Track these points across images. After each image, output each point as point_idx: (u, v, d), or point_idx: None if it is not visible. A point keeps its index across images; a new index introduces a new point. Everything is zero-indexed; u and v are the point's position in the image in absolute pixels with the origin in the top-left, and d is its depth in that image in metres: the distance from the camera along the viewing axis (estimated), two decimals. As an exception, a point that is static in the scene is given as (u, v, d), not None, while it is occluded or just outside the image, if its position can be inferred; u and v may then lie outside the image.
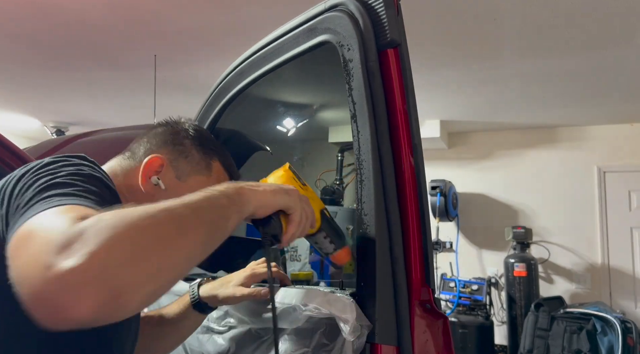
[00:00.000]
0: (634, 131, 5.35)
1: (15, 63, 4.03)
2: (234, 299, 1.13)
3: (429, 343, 1.06)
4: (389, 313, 1.01)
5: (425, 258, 1.03)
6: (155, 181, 1.04)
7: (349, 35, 1.01)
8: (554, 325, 4.41)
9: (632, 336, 4.10)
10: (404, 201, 1.02)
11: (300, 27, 1.16)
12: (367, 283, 1.01)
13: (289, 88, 1.74)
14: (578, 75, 4.00)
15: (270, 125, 2.07)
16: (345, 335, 0.93)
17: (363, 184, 1.02)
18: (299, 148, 2.46)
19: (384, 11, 0.97)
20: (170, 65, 3.93)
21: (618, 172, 5.35)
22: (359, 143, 1.02)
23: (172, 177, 1.06)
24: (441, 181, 5.38)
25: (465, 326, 4.88)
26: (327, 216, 1.02)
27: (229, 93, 1.44)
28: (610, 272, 5.27)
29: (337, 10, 1.05)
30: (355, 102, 1.01)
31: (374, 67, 0.98)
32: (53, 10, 3.08)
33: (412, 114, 0.99)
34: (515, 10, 2.92)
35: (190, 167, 1.08)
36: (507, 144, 5.75)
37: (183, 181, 1.07)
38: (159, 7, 3.02)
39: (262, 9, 2.97)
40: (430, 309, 1.05)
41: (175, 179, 1.06)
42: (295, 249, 3.15)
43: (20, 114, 5.59)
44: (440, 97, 4.63)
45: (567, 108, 4.95)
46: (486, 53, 3.61)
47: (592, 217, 5.38)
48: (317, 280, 3.08)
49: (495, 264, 5.55)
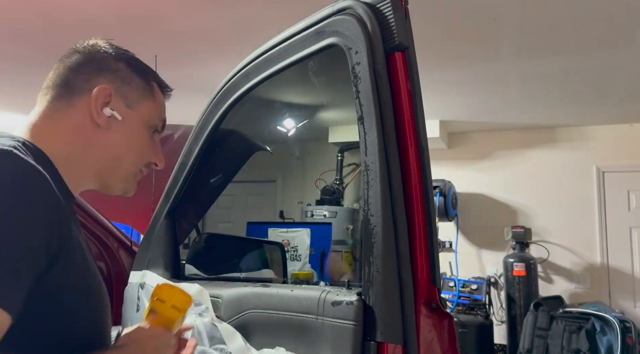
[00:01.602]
0: (634, 131, 5.36)
1: (15, 63, 4.03)
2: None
3: (435, 342, 1.07)
4: (395, 312, 1.02)
5: (431, 258, 1.05)
6: (109, 112, 0.96)
7: (356, 38, 1.02)
8: (553, 325, 4.43)
9: (631, 336, 4.11)
10: (410, 202, 1.03)
11: (307, 29, 1.17)
12: (374, 282, 1.02)
13: (294, 89, 1.75)
14: (578, 75, 4.01)
15: (274, 125, 2.08)
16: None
17: (370, 185, 1.03)
18: (298, 148, 2.47)
19: (392, 15, 0.98)
20: (171, 66, 3.93)
21: (617, 172, 5.37)
22: (365, 145, 1.03)
23: (122, 106, 0.98)
24: (441, 181, 5.40)
25: (464, 325, 4.89)
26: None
27: (234, 94, 1.45)
28: (610, 272, 5.29)
29: (345, 13, 1.06)
30: (362, 105, 1.02)
31: (382, 70, 0.99)
32: (53, 10, 3.08)
33: (419, 117, 1.00)
34: (515, 10, 2.93)
35: (137, 94, 1.01)
36: (506, 144, 5.77)
37: (133, 109, 1.00)
38: (160, 7, 3.02)
39: (263, 9, 2.98)
40: (436, 308, 1.06)
41: (126, 108, 0.99)
42: (295, 249, 3.16)
43: (21, 114, 5.59)
44: (440, 97, 4.64)
45: (566, 108, 4.96)
46: (486, 53, 3.62)
47: (591, 217, 5.39)
48: (317, 280, 3.09)
49: (495, 264, 5.56)
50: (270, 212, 4.21)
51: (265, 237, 2.73)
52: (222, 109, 1.52)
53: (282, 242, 2.84)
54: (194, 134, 1.63)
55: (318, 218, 4.38)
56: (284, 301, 1.24)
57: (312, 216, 4.46)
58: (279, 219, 3.94)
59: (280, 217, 3.99)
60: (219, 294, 1.40)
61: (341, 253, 4.04)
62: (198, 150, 1.61)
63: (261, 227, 2.86)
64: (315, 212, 4.48)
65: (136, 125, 1.01)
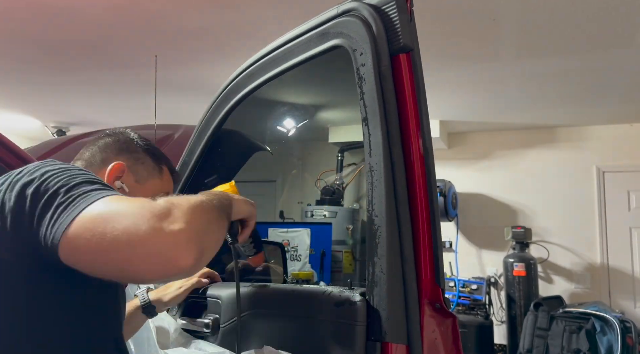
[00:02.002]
0: (634, 131, 5.37)
1: (15, 63, 4.03)
2: (177, 298, 1.40)
3: (438, 342, 1.08)
4: (399, 312, 1.02)
5: (435, 258, 1.05)
6: (119, 184, 1.17)
7: (361, 40, 1.02)
8: (553, 325, 4.43)
9: (631, 336, 4.12)
10: (415, 202, 1.03)
11: (312, 31, 1.17)
12: (378, 282, 1.03)
13: (296, 90, 1.75)
14: (578, 75, 4.01)
15: (275, 125, 2.08)
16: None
17: (374, 186, 1.03)
18: (298, 148, 2.48)
19: (397, 16, 0.99)
20: (171, 66, 3.94)
21: (617, 172, 5.37)
22: (370, 146, 1.03)
23: (132, 181, 1.20)
24: (441, 181, 5.40)
25: (464, 325, 4.89)
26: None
27: (237, 94, 1.46)
28: (610, 272, 5.29)
29: (350, 15, 1.07)
30: (367, 106, 1.02)
31: (387, 71, 0.99)
32: (53, 10, 3.08)
33: (424, 118, 1.00)
34: (514, 10, 2.94)
35: (147, 173, 1.23)
36: (506, 144, 5.77)
37: (141, 184, 1.21)
38: (160, 7, 3.02)
39: (264, 9, 2.98)
40: (439, 308, 1.07)
41: (135, 182, 1.20)
42: (295, 249, 3.17)
43: (21, 114, 5.59)
44: (440, 97, 4.64)
45: (566, 108, 4.97)
46: (486, 53, 3.62)
47: (591, 217, 5.40)
48: (317, 280, 3.09)
49: (495, 264, 5.57)
50: (271, 212, 4.21)
51: (265, 237, 2.73)
52: (225, 109, 1.52)
53: (282, 242, 2.85)
54: (196, 134, 1.63)
55: (318, 218, 4.39)
56: (285, 300, 1.25)
57: (312, 216, 4.47)
58: (279, 219, 3.94)
59: (280, 217, 4.00)
60: (219, 295, 1.40)
61: (341, 253, 4.05)
62: (200, 150, 1.61)
63: (261, 227, 2.86)
64: (315, 212, 4.48)
65: (141, 196, 1.12)
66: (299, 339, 1.19)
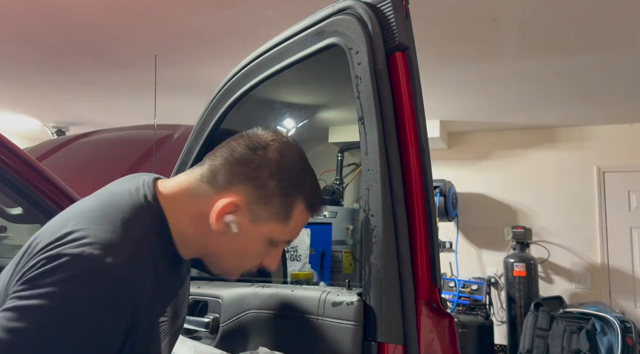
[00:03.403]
0: (634, 131, 5.36)
1: (15, 63, 4.03)
2: None
3: (435, 342, 1.07)
4: (396, 312, 1.02)
5: (431, 258, 1.05)
6: (229, 219, 0.96)
7: (357, 38, 1.02)
8: (554, 325, 4.42)
9: (631, 336, 4.11)
10: (411, 201, 1.03)
11: (307, 29, 1.17)
12: (374, 283, 1.02)
13: (294, 89, 1.75)
14: (578, 75, 4.01)
15: (274, 125, 2.07)
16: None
17: (370, 185, 1.03)
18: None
19: (392, 14, 0.98)
20: (171, 66, 3.94)
21: (617, 172, 5.37)
22: (366, 145, 1.03)
23: (246, 220, 0.98)
24: (441, 181, 5.40)
25: (465, 325, 4.89)
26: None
27: (234, 94, 1.45)
28: (610, 272, 5.29)
29: (346, 13, 1.06)
30: (363, 105, 1.02)
31: (382, 70, 0.99)
32: (53, 10, 3.08)
33: (420, 117, 1.00)
34: (515, 10, 2.93)
35: (268, 213, 0.98)
36: (506, 144, 5.77)
37: (257, 225, 0.99)
38: (159, 7, 3.02)
39: (263, 9, 2.98)
40: (436, 308, 1.06)
41: (249, 222, 0.98)
42: (295, 249, 3.16)
43: (21, 114, 5.59)
44: (440, 97, 4.64)
45: (566, 108, 4.96)
46: (486, 53, 3.62)
47: (591, 217, 5.39)
48: (317, 280, 3.08)
49: (495, 264, 5.56)
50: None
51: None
52: (223, 108, 1.52)
53: (282, 242, 2.83)
54: (194, 134, 1.63)
55: (318, 218, 4.38)
56: (284, 301, 1.24)
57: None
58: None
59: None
60: (219, 295, 1.40)
61: (341, 253, 4.04)
62: (198, 150, 1.61)
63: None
64: (315, 212, 4.47)
65: (254, 238, 1.01)
66: (296, 340, 1.18)
